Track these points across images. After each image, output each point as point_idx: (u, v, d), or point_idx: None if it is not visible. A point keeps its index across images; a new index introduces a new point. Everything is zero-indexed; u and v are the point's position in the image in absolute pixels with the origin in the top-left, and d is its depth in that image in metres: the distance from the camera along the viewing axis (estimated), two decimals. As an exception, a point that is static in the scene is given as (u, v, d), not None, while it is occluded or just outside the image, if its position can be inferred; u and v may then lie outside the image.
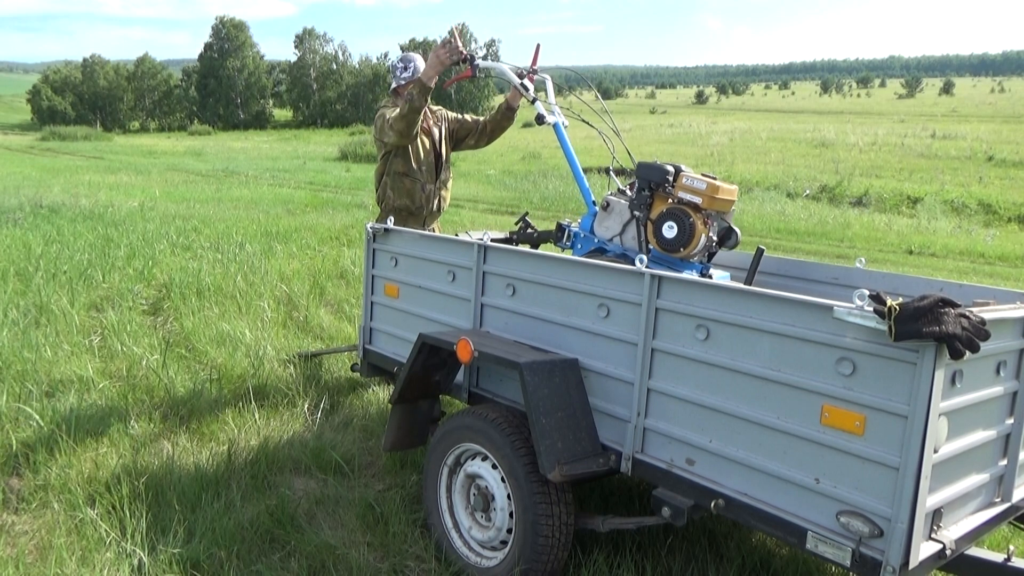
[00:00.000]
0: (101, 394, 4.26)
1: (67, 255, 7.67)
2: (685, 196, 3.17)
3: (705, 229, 3.18)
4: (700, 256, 3.30)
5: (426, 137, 4.29)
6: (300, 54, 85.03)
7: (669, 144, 34.60)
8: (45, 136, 48.49)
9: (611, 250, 3.44)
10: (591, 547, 2.84)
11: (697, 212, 3.16)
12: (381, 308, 3.66)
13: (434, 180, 4.34)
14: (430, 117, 4.35)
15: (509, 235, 3.87)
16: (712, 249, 3.33)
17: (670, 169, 3.26)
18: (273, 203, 14.33)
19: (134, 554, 2.78)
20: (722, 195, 3.16)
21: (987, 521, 2.23)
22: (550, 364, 2.58)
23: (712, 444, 2.28)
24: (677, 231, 3.15)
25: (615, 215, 3.43)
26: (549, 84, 4.03)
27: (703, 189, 3.14)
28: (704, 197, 3.14)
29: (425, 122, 4.29)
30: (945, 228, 14.39)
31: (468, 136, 4.47)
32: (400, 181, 4.26)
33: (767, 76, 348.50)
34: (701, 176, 3.20)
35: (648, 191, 3.29)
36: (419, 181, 4.27)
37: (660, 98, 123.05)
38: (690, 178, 3.19)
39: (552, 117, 3.88)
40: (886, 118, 51.05)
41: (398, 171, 4.25)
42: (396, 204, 4.29)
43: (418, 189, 4.28)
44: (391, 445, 3.20)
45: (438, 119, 4.41)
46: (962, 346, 1.79)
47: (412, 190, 4.27)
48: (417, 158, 4.24)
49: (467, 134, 4.46)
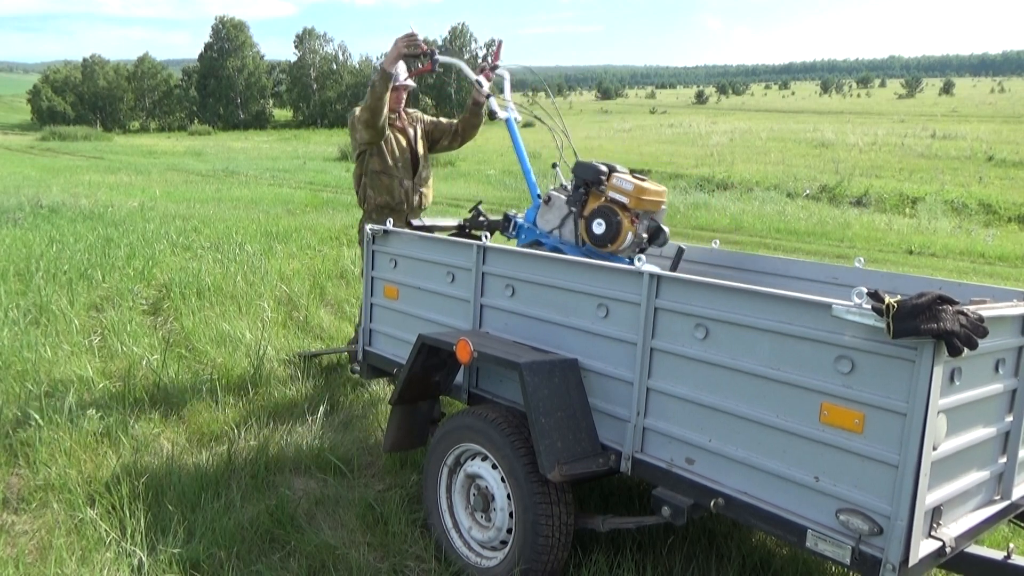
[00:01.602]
0: (101, 394, 4.26)
1: (67, 255, 7.68)
2: (614, 195, 3.35)
3: (632, 227, 3.35)
4: (629, 252, 3.43)
5: (401, 136, 4.43)
6: (300, 54, 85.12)
7: (669, 144, 34.61)
8: (45, 136, 48.54)
9: (548, 243, 3.60)
10: (591, 547, 2.85)
11: (625, 211, 3.34)
12: (381, 310, 3.66)
13: (411, 177, 4.45)
14: (405, 118, 4.50)
15: (462, 222, 4.01)
16: (643, 246, 3.47)
17: (604, 169, 3.43)
18: (273, 203, 14.34)
19: (134, 554, 2.78)
20: (648, 196, 3.34)
21: (987, 519, 2.23)
22: (550, 364, 2.58)
23: (712, 443, 2.28)
24: (605, 228, 3.33)
25: (555, 209, 3.58)
26: (507, 80, 4.15)
27: (630, 190, 3.32)
28: (631, 197, 3.31)
29: (400, 122, 4.45)
30: (945, 228, 14.39)
31: (443, 137, 4.61)
32: (378, 179, 4.38)
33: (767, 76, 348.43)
34: (631, 177, 3.38)
35: (584, 189, 3.47)
36: (397, 178, 4.39)
37: (660, 98, 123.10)
38: (619, 179, 3.36)
39: (504, 112, 4.03)
40: (886, 118, 51.05)
41: (375, 170, 4.38)
42: (377, 202, 4.41)
43: (396, 186, 4.39)
44: (391, 446, 3.20)
45: (413, 120, 4.55)
46: (960, 343, 1.79)
47: (391, 187, 4.39)
48: (393, 156, 4.37)
49: (441, 135, 4.61)
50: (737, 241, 11.91)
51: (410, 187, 4.43)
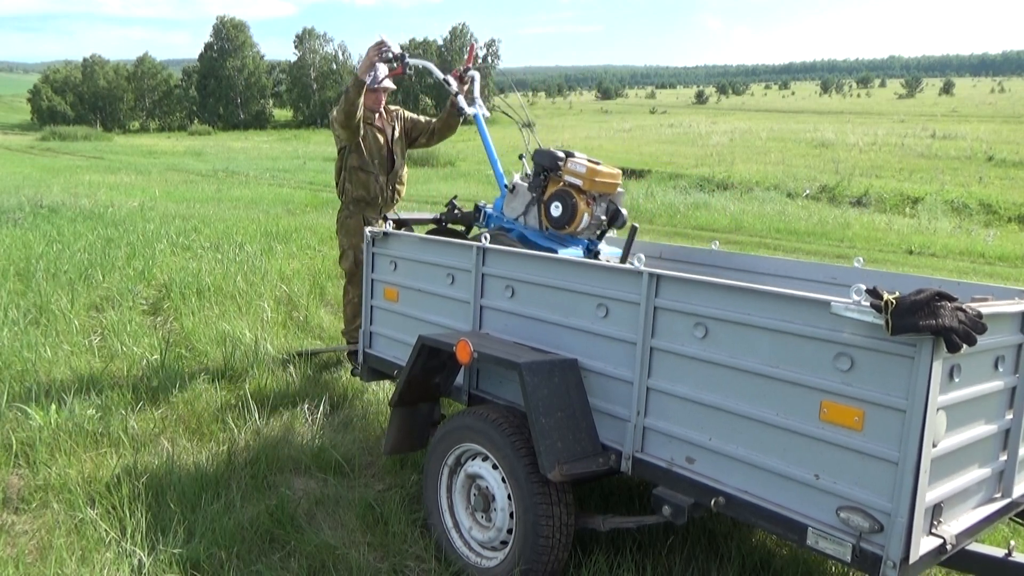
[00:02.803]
0: (101, 394, 4.26)
1: (67, 255, 7.68)
2: (570, 179, 3.52)
3: (588, 208, 3.51)
4: (589, 233, 3.62)
5: (379, 134, 4.69)
6: (300, 54, 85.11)
7: (669, 144, 34.61)
8: (45, 136, 48.57)
9: (513, 228, 3.77)
10: (591, 547, 2.84)
11: (580, 193, 3.50)
12: (381, 312, 3.66)
13: (387, 173, 4.73)
14: (384, 117, 4.75)
15: (439, 216, 4.17)
16: (602, 228, 3.65)
17: (561, 155, 3.60)
18: (273, 203, 14.35)
19: (134, 554, 2.78)
20: (601, 178, 3.50)
21: (987, 516, 2.23)
22: (549, 364, 2.58)
23: (712, 442, 2.28)
24: (562, 210, 3.50)
25: (519, 197, 3.77)
26: (476, 80, 4.40)
27: (583, 172, 3.48)
28: (584, 179, 3.48)
29: (379, 121, 4.70)
30: (945, 228, 14.39)
31: (420, 136, 4.87)
32: (356, 174, 4.66)
33: (767, 76, 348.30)
34: (585, 161, 3.53)
35: (543, 175, 3.64)
36: (372, 174, 4.66)
37: (660, 98, 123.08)
38: (574, 163, 3.53)
39: (472, 109, 4.31)
40: (886, 118, 51.05)
41: (353, 165, 4.65)
42: (354, 195, 4.71)
43: (372, 181, 4.67)
44: (391, 449, 3.20)
45: (392, 118, 4.80)
46: (959, 339, 1.79)
47: (367, 182, 4.66)
48: (370, 153, 4.64)
49: (419, 134, 4.87)
50: (737, 241, 11.91)
51: (385, 182, 4.72)
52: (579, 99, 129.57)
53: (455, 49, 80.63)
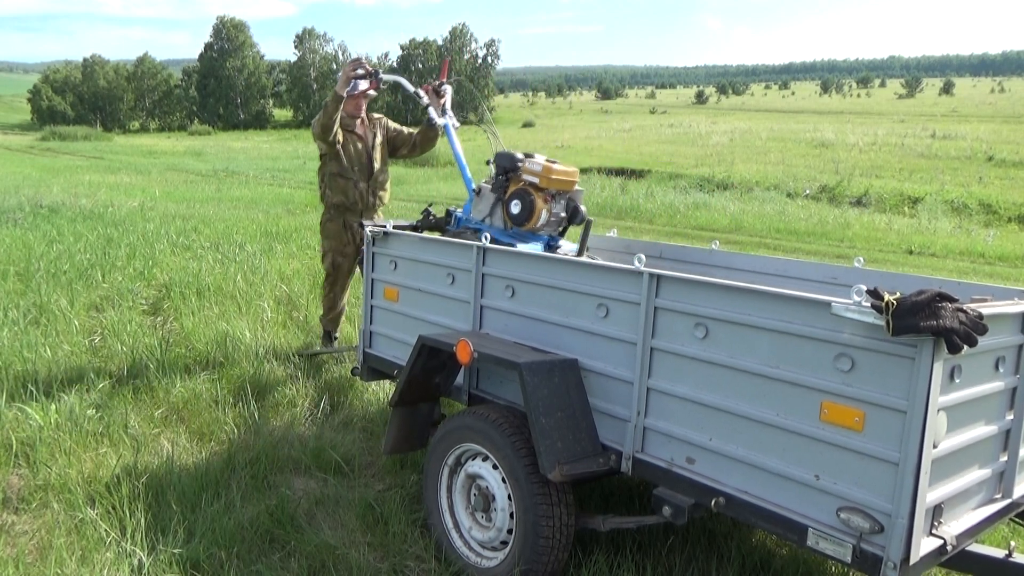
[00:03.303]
0: (101, 394, 4.26)
1: (67, 255, 7.68)
2: (528, 178, 3.69)
3: (546, 205, 3.67)
4: (550, 230, 3.79)
5: (359, 142, 4.85)
6: (300, 54, 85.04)
7: (669, 144, 34.60)
8: (45, 136, 48.53)
9: (481, 229, 3.86)
10: (591, 547, 2.84)
11: (538, 191, 3.66)
12: (381, 312, 3.66)
13: (367, 180, 4.87)
14: (365, 124, 4.92)
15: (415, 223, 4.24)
16: (562, 225, 3.81)
17: (520, 157, 3.78)
18: (273, 203, 14.35)
19: (134, 554, 2.78)
20: (557, 175, 3.66)
21: (988, 517, 2.23)
22: (549, 364, 2.58)
23: (712, 442, 2.28)
24: (521, 207, 3.67)
25: (485, 199, 3.95)
26: (449, 94, 4.67)
27: (539, 171, 3.65)
28: (541, 177, 3.64)
29: (360, 127, 4.88)
30: (945, 228, 14.39)
31: (402, 146, 5.04)
32: (335, 180, 4.83)
33: (767, 76, 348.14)
34: (542, 160, 3.71)
35: (504, 176, 3.82)
36: (352, 180, 4.82)
37: (660, 98, 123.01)
38: (532, 163, 3.71)
39: (442, 119, 4.59)
40: (886, 118, 51.04)
41: (333, 172, 4.83)
42: (333, 201, 4.89)
43: (351, 187, 4.83)
44: (391, 449, 3.20)
45: (375, 126, 4.96)
46: (960, 340, 1.79)
47: (346, 188, 4.83)
48: (349, 160, 4.81)
49: (401, 144, 5.04)
50: (737, 241, 11.92)
51: (365, 189, 4.86)
52: (579, 99, 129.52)
53: (455, 49, 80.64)
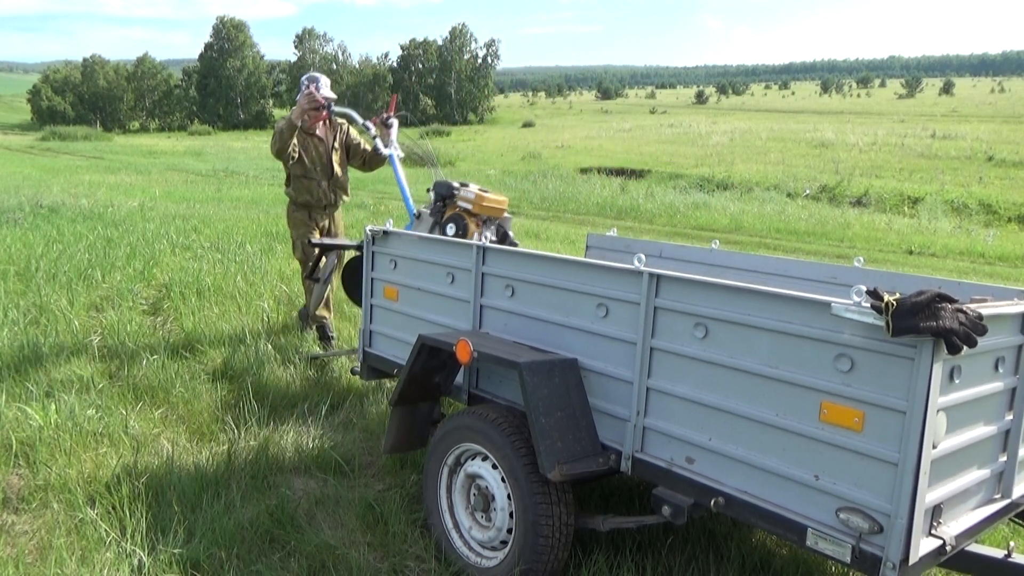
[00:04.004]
0: (101, 394, 4.26)
1: (67, 255, 7.67)
2: (462, 204, 4.12)
3: (478, 229, 4.07)
4: None
5: (320, 144, 5.27)
6: (300, 54, 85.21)
7: (669, 144, 34.61)
8: (45, 136, 48.53)
9: None
10: (591, 547, 2.84)
11: (471, 216, 4.08)
12: (381, 311, 3.66)
13: (328, 179, 5.31)
14: (326, 128, 5.30)
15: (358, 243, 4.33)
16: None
17: (456, 185, 4.22)
18: (273, 203, 14.33)
19: (134, 554, 2.78)
20: (487, 203, 4.09)
21: (987, 517, 2.23)
22: (549, 364, 2.58)
23: (712, 442, 2.28)
24: (455, 230, 4.06)
25: (424, 223, 4.38)
26: (395, 127, 5.16)
27: (472, 198, 4.09)
28: (474, 204, 4.07)
29: (321, 129, 5.28)
30: (945, 228, 14.39)
31: (355, 159, 5.47)
32: (300, 181, 5.26)
33: (767, 76, 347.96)
34: (475, 189, 4.12)
35: (442, 202, 4.26)
36: (315, 180, 5.26)
37: (660, 98, 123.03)
38: (466, 190, 4.14)
39: (387, 150, 5.09)
40: (886, 118, 51.05)
41: (297, 174, 5.25)
42: (299, 200, 5.31)
43: (315, 186, 5.27)
44: (391, 448, 3.20)
45: (335, 129, 5.35)
46: (959, 341, 1.79)
47: (310, 187, 5.26)
48: (312, 161, 5.24)
49: (355, 156, 5.46)
50: (737, 241, 11.92)
51: (327, 187, 5.30)
52: (579, 99, 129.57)
53: (455, 49, 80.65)
